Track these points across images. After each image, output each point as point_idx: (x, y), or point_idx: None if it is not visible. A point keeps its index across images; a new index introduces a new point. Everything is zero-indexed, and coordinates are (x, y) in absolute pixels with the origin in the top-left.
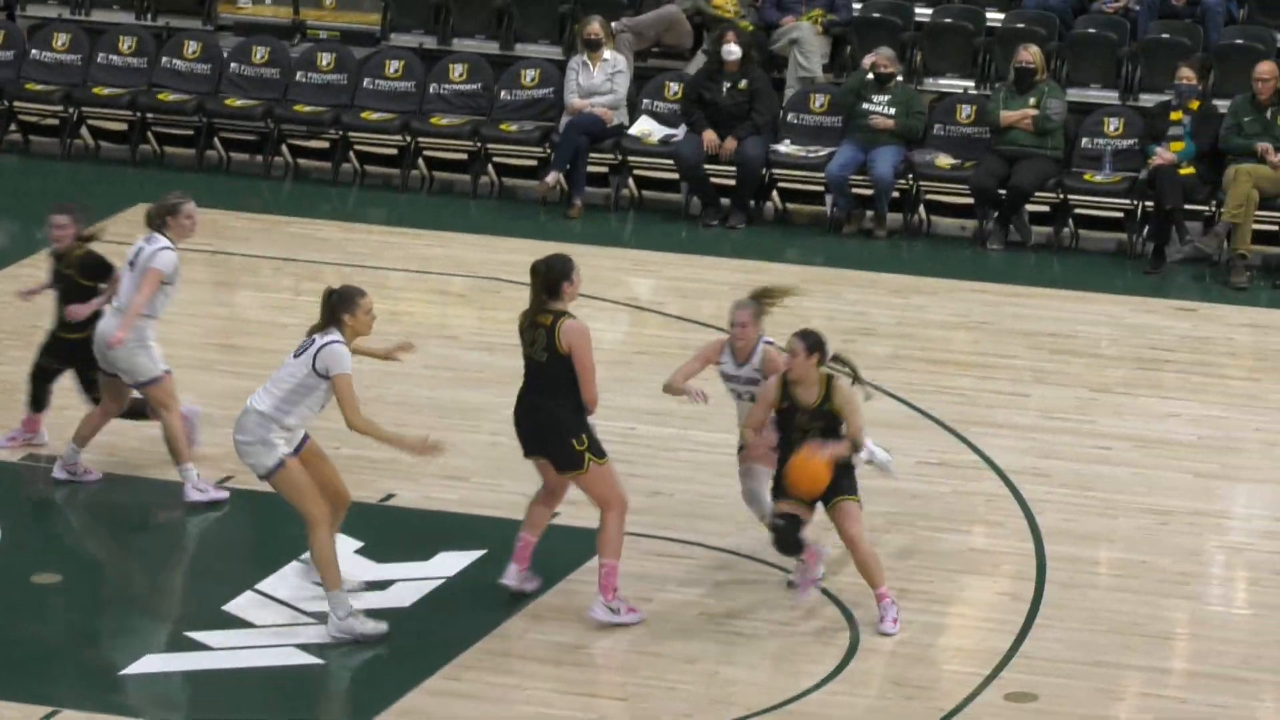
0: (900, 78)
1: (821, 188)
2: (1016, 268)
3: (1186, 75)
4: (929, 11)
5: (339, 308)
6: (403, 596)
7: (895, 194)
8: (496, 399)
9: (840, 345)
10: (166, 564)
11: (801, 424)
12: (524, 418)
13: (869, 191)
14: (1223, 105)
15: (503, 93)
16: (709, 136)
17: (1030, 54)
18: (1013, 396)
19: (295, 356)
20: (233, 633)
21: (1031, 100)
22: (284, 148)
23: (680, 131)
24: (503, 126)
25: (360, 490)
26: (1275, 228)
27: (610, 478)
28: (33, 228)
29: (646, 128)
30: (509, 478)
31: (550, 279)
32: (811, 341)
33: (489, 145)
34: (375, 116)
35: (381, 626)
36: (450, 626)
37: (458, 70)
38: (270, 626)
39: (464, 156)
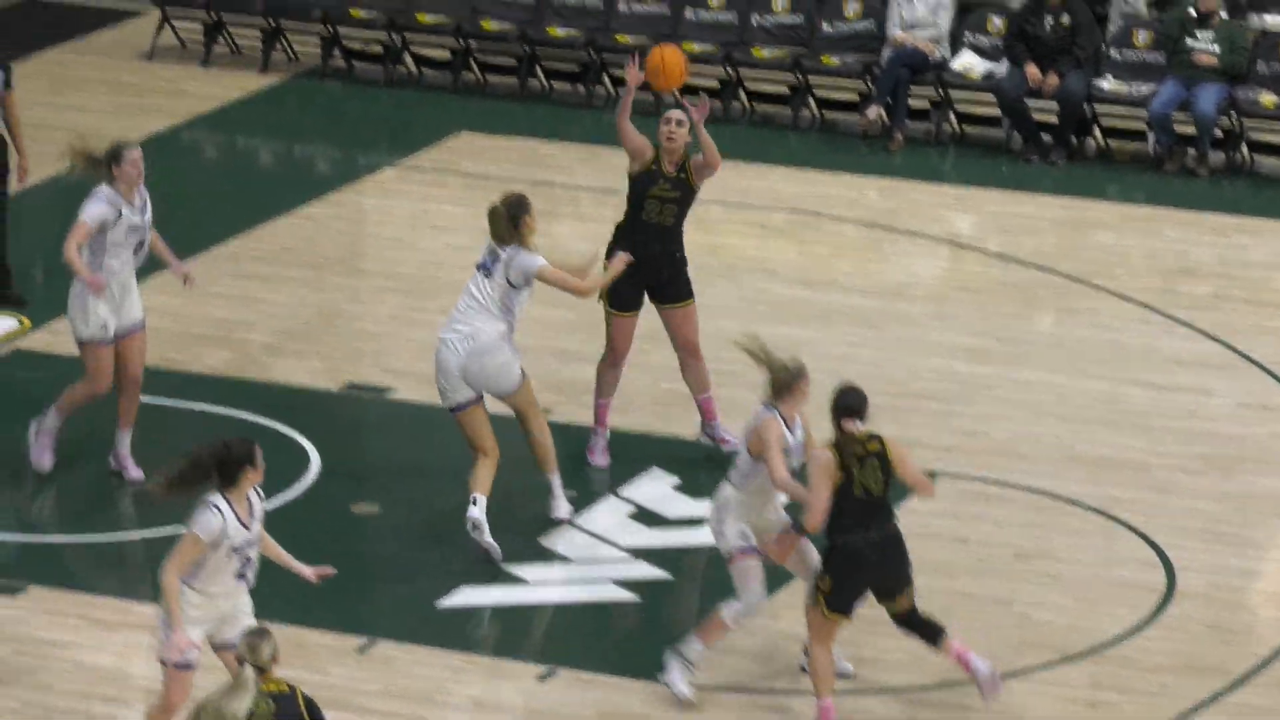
0: (1224, 14)
1: (1144, 124)
2: None
3: None
4: None
5: (514, 217)
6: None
7: (1218, 132)
8: (815, 334)
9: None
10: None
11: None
12: None
13: (1192, 129)
14: None
15: (824, 25)
16: (1031, 71)
17: None
18: None
19: (487, 276)
20: (548, 566)
21: None
22: (606, 77)
23: (1002, 66)
24: (824, 59)
25: (676, 425)
26: None
27: None
28: (356, 153)
29: (968, 62)
30: (824, 415)
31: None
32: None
33: (810, 77)
34: (697, 48)
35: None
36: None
37: (780, 1)
38: (585, 561)
39: (785, 89)
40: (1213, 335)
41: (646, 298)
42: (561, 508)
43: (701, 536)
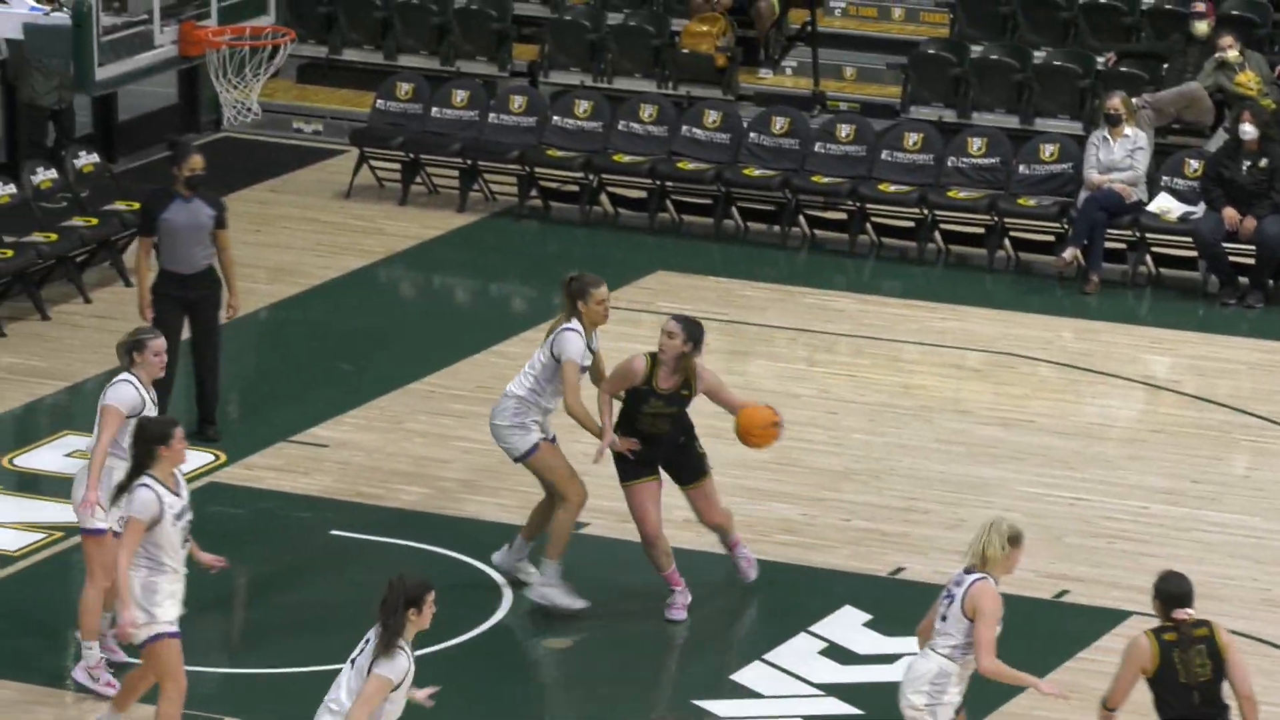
0: None
1: None
2: None
3: None
4: None
5: (575, 296)
6: None
7: None
8: (1010, 474)
9: None
10: (671, 629)
11: None
12: None
13: None
14: None
15: (1021, 167)
16: (1228, 214)
17: None
18: None
19: (541, 345)
20: (739, 702)
21: None
22: (801, 218)
23: (1199, 209)
24: (1020, 200)
25: (870, 563)
26: None
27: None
28: (551, 292)
29: (1165, 204)
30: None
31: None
32: None
33: (1006, 219)
34: (892, 189)
35: (579, 603)
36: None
37: (976, 144)
38: (776, 697)
39: (981, 230)
40: None
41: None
42: (527, 573)
43: (893, 673)
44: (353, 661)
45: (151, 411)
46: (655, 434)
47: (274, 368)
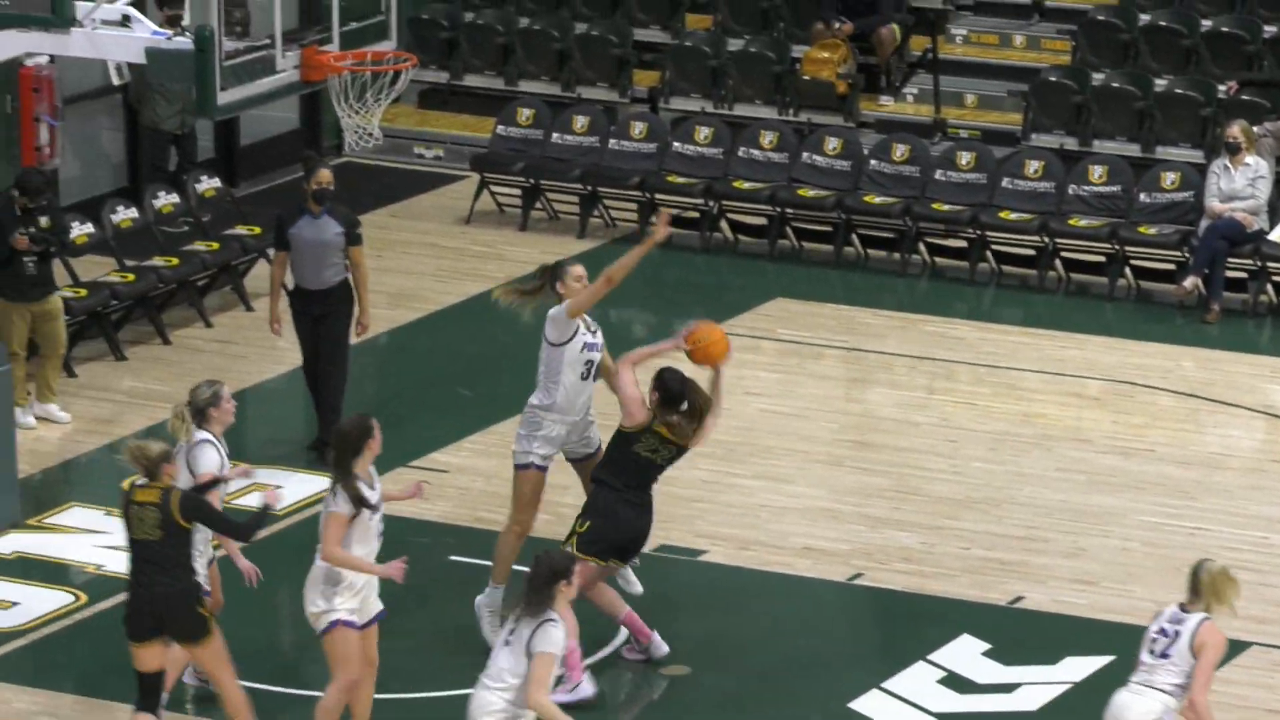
0: None
1: None
2: None
3: None
4: None
5: (554, 278)
6: (1030, 700)
7: None
8: (1129, 504)
9: None
10: (789, 655)
11: None
12: None
13: None
14: None
15: (1142, 195)
16: None
17: None
18: None
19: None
20: None
21: None
22: (921, 245)
23: None
24: (1141, 229)
25: (989, 591)
26: None
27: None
28: (672, 318)
29: None
30: (1139, 584)
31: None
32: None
33: (1127, 247)
34: (1013, 216)
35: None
36: None
37: (1097, 172)
38: None
39: (1102, 258)
40: None
41: None
42: (484, 624)
43: (1012, 702)
44: (506, 642)
45: (228, 467)
46: (652, 461)
47: (394, 392)
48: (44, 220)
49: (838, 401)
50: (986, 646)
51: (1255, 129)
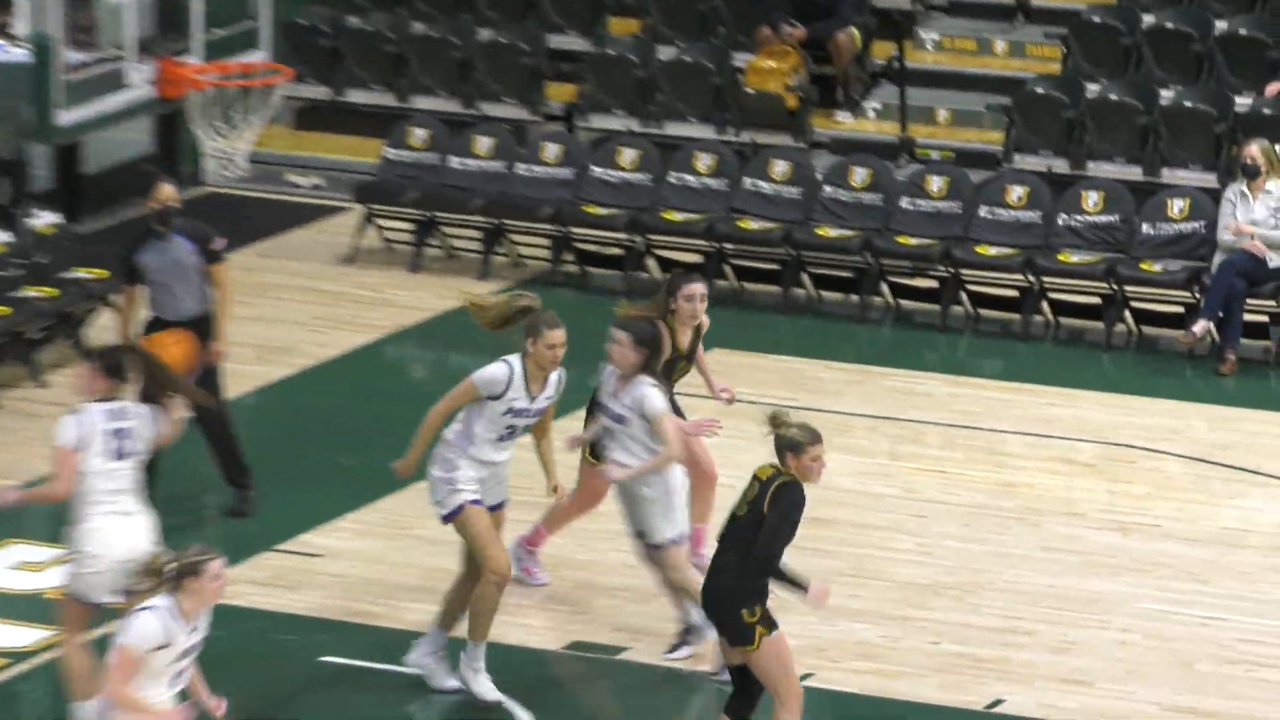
0: None
1: None
2: None
3: None
4: None
5: (527, 331)
6: None
7: None
8: (1130, 589)
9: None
10: None
11: None
12: None
13: None
14: None
15: (1145, 225)
16: None
17: None
18: None
19: None
20: None
21: None
22: (884, 286)
23: None
24: (1144, 265)
25: (963, 694)
26: None
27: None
28: (589, 372)
29: None
30: (1141, 683)
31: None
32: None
33: (1127, 287)
34: (993, 251)
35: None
36: None
37: (1092, 199)
38: None
39: (1097, 300)
40: None
41: None
42: (440, 680)
43: None
44: None
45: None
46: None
47: (260, 462)
48: None
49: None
50: None
51: (1278, 149)
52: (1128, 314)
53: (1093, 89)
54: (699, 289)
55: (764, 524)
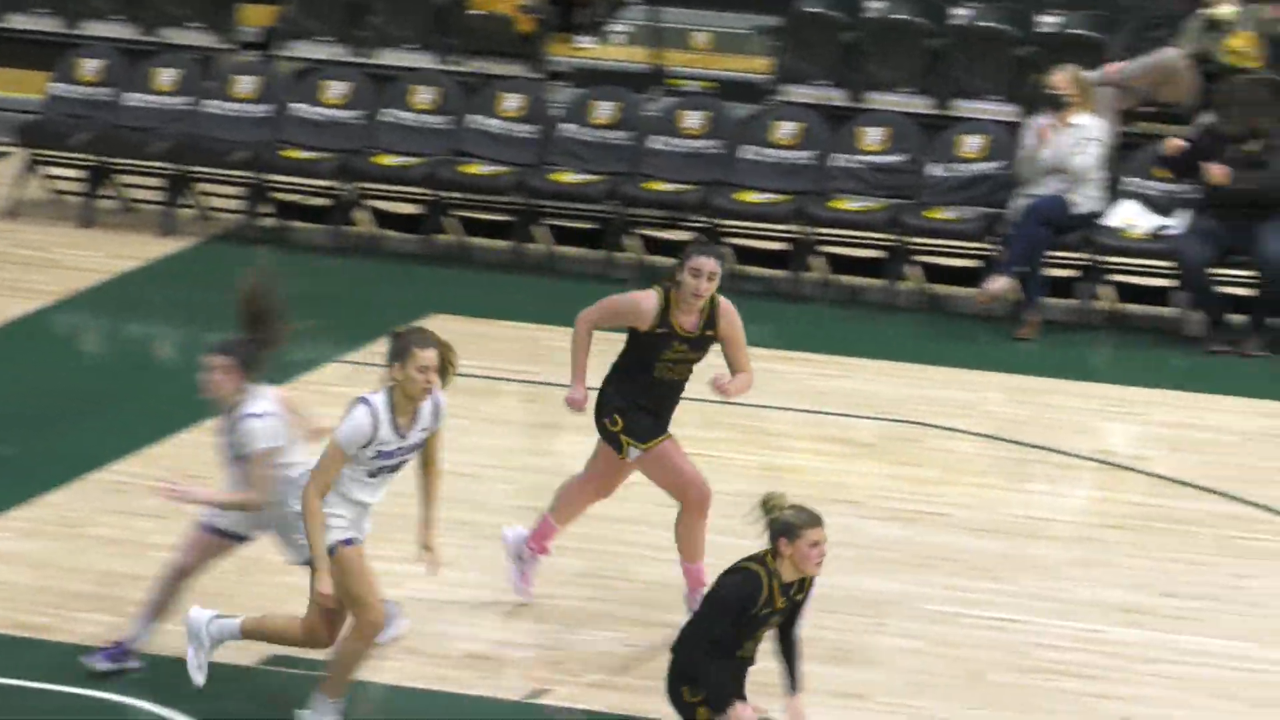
0: None
1: None
2: None
3: None
4: None
5: (392, 354)
6: None
7: None
8: (914, 588)
9: None
10: None
11: None
12: None
13: None
14: None
15: (934, 167)
16: (1215, 171)
17: None
18: None
19: None
20: None
21: None
22: (633, 239)
23: (1177, 221)
24: (932, 213)
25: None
26: None
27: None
28: (289, 344)
29: (1131, 216)
30: (928, 697)
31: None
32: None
33: (913, 238)
34: (758, 198)
35: None
36: None
37: (873, 136)
38: None
39: (879, 253)
40: None
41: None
42: None
43: None
44: None
45: None
46: (675, 379)
47: None
48: None
49: (518, 455)
50: None
51: (1089, 75)
52: (915, 269)
53: (874, 7)
54: (708, 264)
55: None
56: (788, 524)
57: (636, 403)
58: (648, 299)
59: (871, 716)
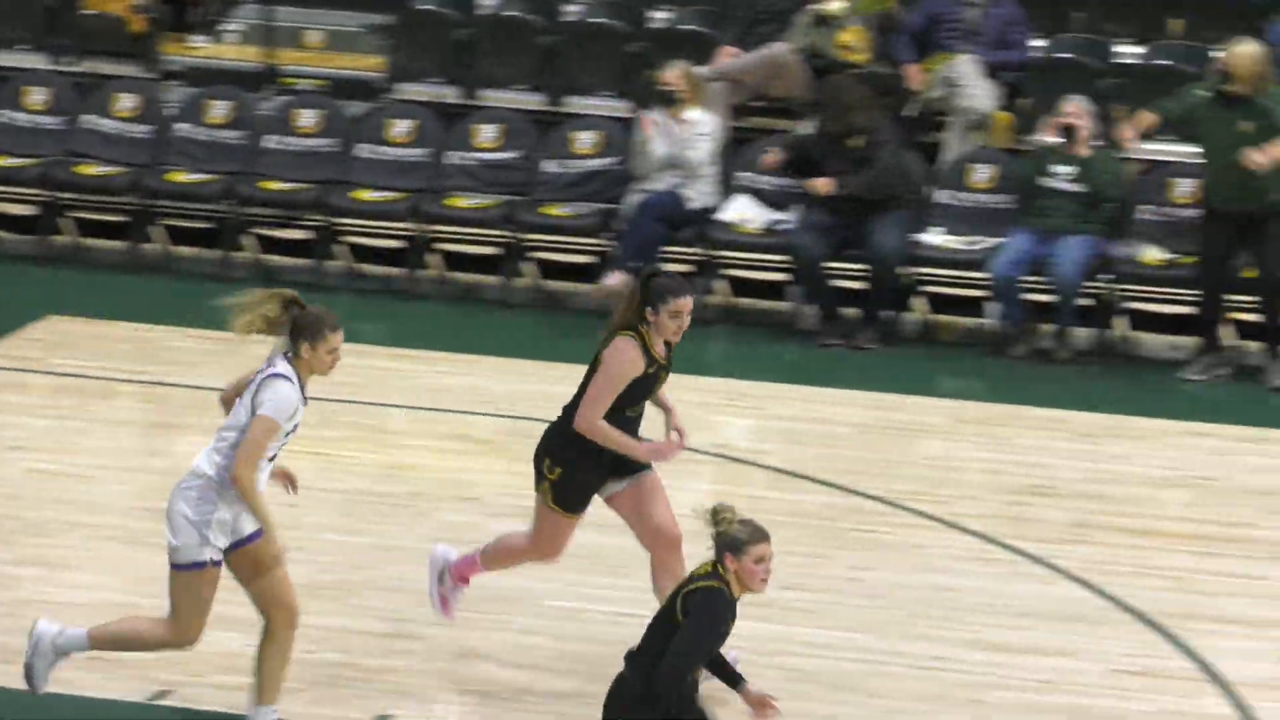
0: (1098, 140)
1: (983, 292)
2: (1251, 403)
3: None
4: (1140, 50)
5: (299, 333)
6: None
7: (1084, 301)
8: (542, 585)
9: None
10: None
11: None
12: None
13: (1048, 298)
14: None
15: (549, 163)
16: (819, 184)
17: None
18: (1245, 580)
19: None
20: None
21: None
22: (250, 238)
23: (791, 216)
24: (547, 209)
25: (342, 709)
26: None
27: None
28: None
29: (745, 211)
30: (536, 691)
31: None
32: None
33: (528, 235)
34: (375, 196)
35: None
36: None
37: (487, 133)
38: None
39: (495, 250)
40: (1078, 577)
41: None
42: None
43: None
44: None
45: None
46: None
47: None
48: None
49: (136, 456)
50: None
51: (700, 71)
52: (531, 266)
53: (487, 5)
54: (689, 304)
55: (678, 634)
56: (734, 539)
57: (590, 459)
58: (631, 349)
59: (491, 713)
